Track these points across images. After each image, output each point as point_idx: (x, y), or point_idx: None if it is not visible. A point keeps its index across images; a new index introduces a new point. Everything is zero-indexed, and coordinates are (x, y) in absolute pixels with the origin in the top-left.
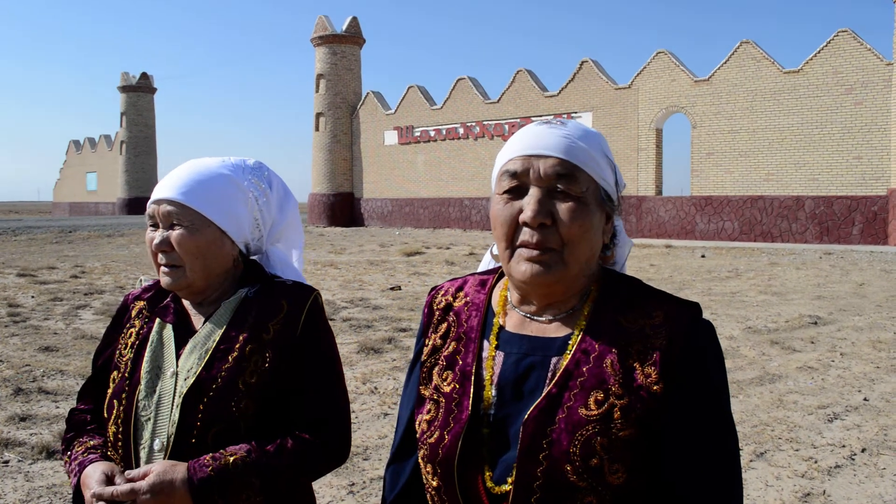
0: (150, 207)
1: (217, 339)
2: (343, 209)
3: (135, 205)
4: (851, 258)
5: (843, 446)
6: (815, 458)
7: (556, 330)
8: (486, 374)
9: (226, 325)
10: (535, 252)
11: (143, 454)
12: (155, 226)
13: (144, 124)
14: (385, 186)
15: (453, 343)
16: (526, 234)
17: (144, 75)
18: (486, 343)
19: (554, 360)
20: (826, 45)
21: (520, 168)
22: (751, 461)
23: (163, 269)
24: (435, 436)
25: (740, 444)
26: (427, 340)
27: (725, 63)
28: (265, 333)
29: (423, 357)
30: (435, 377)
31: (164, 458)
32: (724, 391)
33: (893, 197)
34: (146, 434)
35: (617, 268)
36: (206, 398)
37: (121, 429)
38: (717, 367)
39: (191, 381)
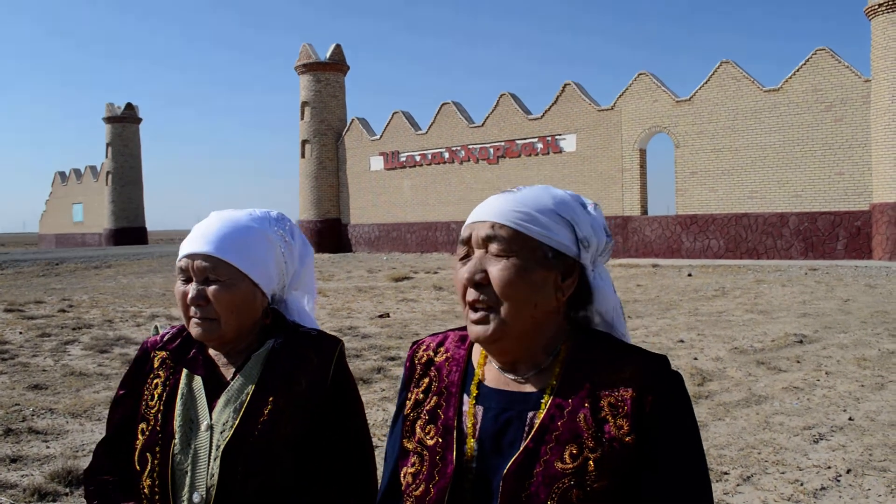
0: (182, 261)
1: (250, 392)
2: (330, 235)
3: (121, 235)
4: (836, 273)
5: (829, 467)
6: (801, 481)
7: (530, 386)
8: (468, 428)
9: (258, 378)
10: (478, 314)
11: None
12: (187, 279)
13: (130, 155)
14: (372, 212)
15: (435, 397)
16: (469, 294)
17: (129, 106)
18: (465, 397)
19: (530, 414)
20: (805, 63)
21: (465, 236)
22: (738, 486)
23: (195, 320)
24: (420, 489)
25: (728, 468)
26: (409, 394)
27: (706, 83)
28: (297, 385)
29: (406, 410)
30: (418, 430)
31: None
32: (695, 438)
33: (876, 212)
34: (185, 488)
35: (606, 326)
36: (246, 452)
37: (157, 482)
38: (686, 416)
39: (228, 434)
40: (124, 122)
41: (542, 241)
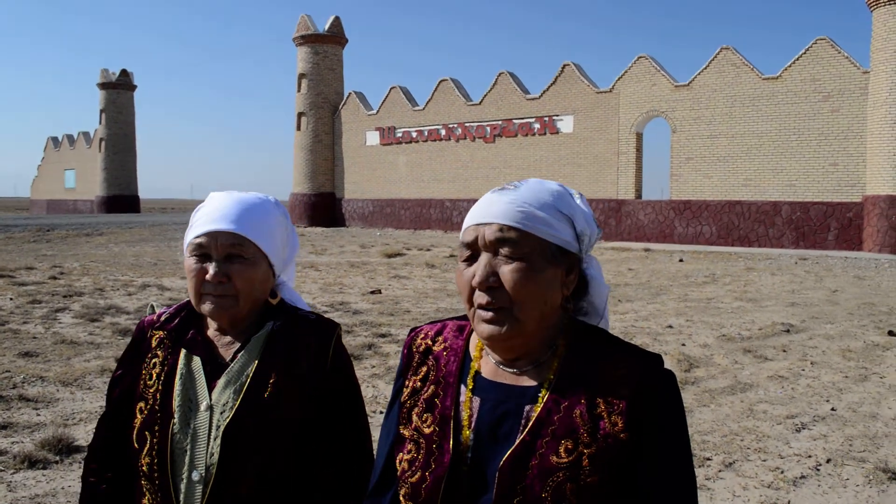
0: (201, 238)
1: (251, 373)
2: (324, 209)
3: (113, 203)
4: (826, 264)
5: (809, 456)
6: (782, 469)
7: (528, 379)
8: (464, 418)
9: (258, 360)
10: (488, 313)
11: (182, 486)
12: (203, 256)
13: (124, 122)
14: (366, 187)
15: (432, 386)
16: (478, 297)
17: (124, 72)
18: (462, 387)
19: (527, 407)
20: (804, 53)
21: (470, 238)
22: (720, 471)
23: (212, 297)
24: (417, 476)
25: (710, 454)
26: (407, 382)
27: (706, 69)
28: (296, 368)
29: (403, 398)
30: (415, 418)
31: (204, 490)
32: (685, 436)
33: (868, 203)
34: (184, 467)
35: (596, 316)
36: (247, 433)
37: (156, 460)
38: (678, 415)
39: (229, 415)
40: (119, 89)
41: (548, 240)
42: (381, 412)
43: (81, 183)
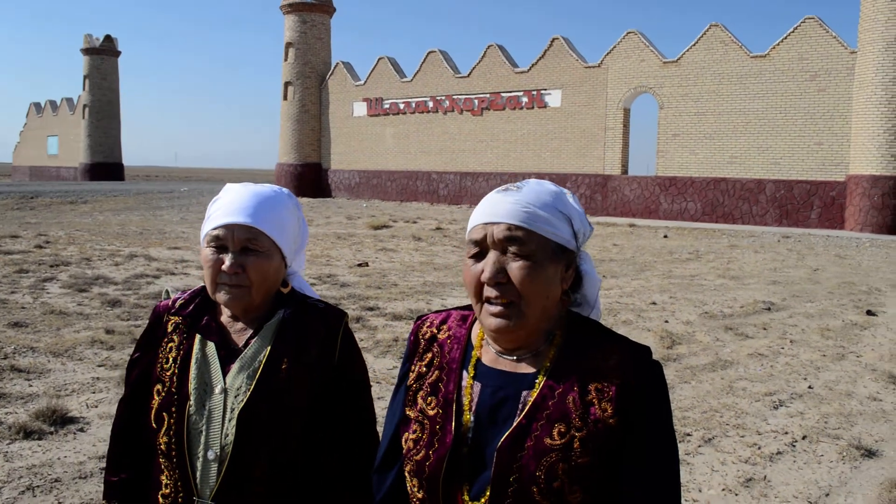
0: (218, 230)
1: (263, 359)
2: (311, 180)
3: (97, 170)
4: (808, 242)
5: (786, 433)
6: (759, 445)
7: (525, 367)
8: (465, 402)
9: (270, 346)
10: (497, 308)
11: (198, 464)
12: (220, 248)
13: (108, 88)
14: (353, 158)
15: (437, 371)
16: (487, 291)
17: (108, 38)
18: (464, 373)
19: (524, 393)
20: (793, 32)
21: (478, 236)
22: (699, 447)
23: (227, 287)
24: (421, 454)
25: (690, 430)
26: (413, 366)
27: (694, 45)
28: (306, 355)
29: (409, 381)
30: (420, 401)
31: (220, 469)
32: (669, 423)
33: (851, 183)
34: (200, 446)
35: (588, 307)
36: (260, 417)
37: (174, 440)
38: (664, 403)
39: (243, 399)
40: (103, 55)
41: (551, 238)
42: (370, 385)
43: (64, 150)
